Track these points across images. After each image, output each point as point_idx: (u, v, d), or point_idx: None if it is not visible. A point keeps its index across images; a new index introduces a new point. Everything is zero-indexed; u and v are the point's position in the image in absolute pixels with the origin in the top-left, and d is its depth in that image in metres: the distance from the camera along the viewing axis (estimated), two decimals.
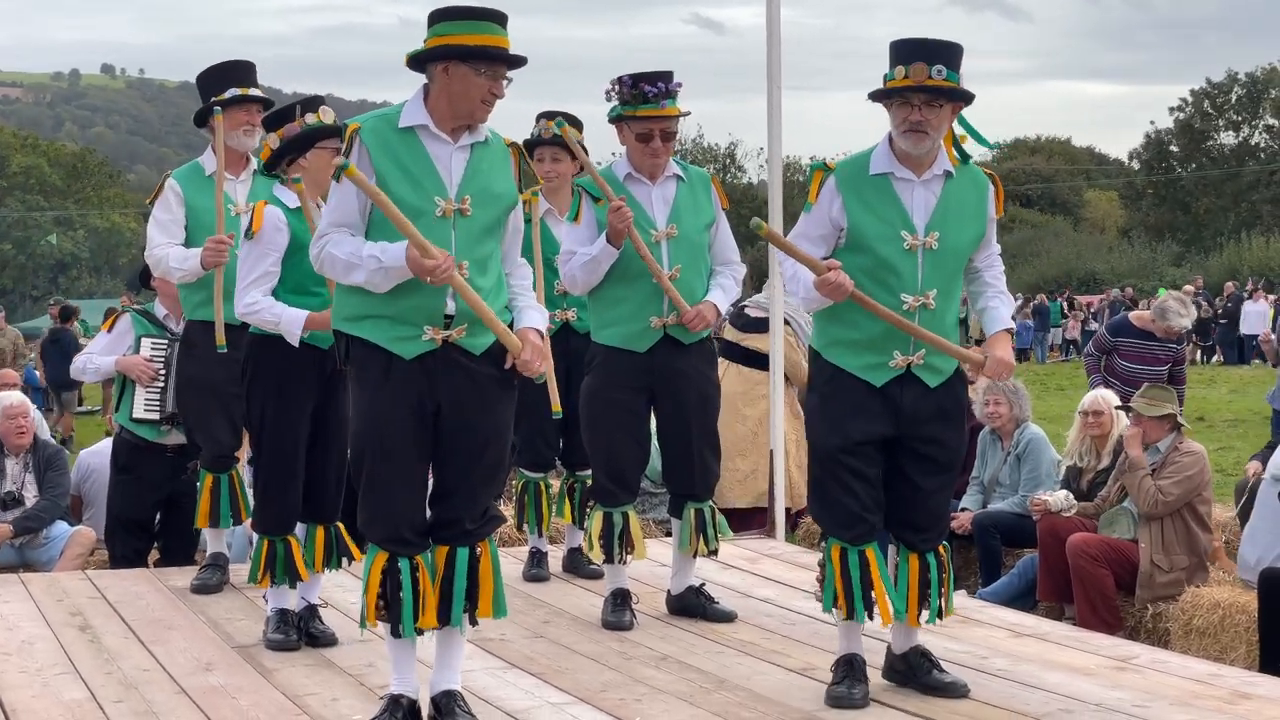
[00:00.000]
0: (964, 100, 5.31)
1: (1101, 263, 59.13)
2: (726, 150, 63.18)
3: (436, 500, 5.07)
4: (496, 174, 5.03)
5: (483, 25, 4.87)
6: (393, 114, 5.00)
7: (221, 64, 7.37)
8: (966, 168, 5.46)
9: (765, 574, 7.84)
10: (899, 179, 5.36)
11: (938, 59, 5.22)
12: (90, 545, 8.84)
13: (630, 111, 6.51)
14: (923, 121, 5.26)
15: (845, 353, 5.41)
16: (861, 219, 5.33)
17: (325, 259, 4.94)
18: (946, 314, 5.40)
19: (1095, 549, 7.95)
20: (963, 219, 5.38)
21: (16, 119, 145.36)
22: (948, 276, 5.36)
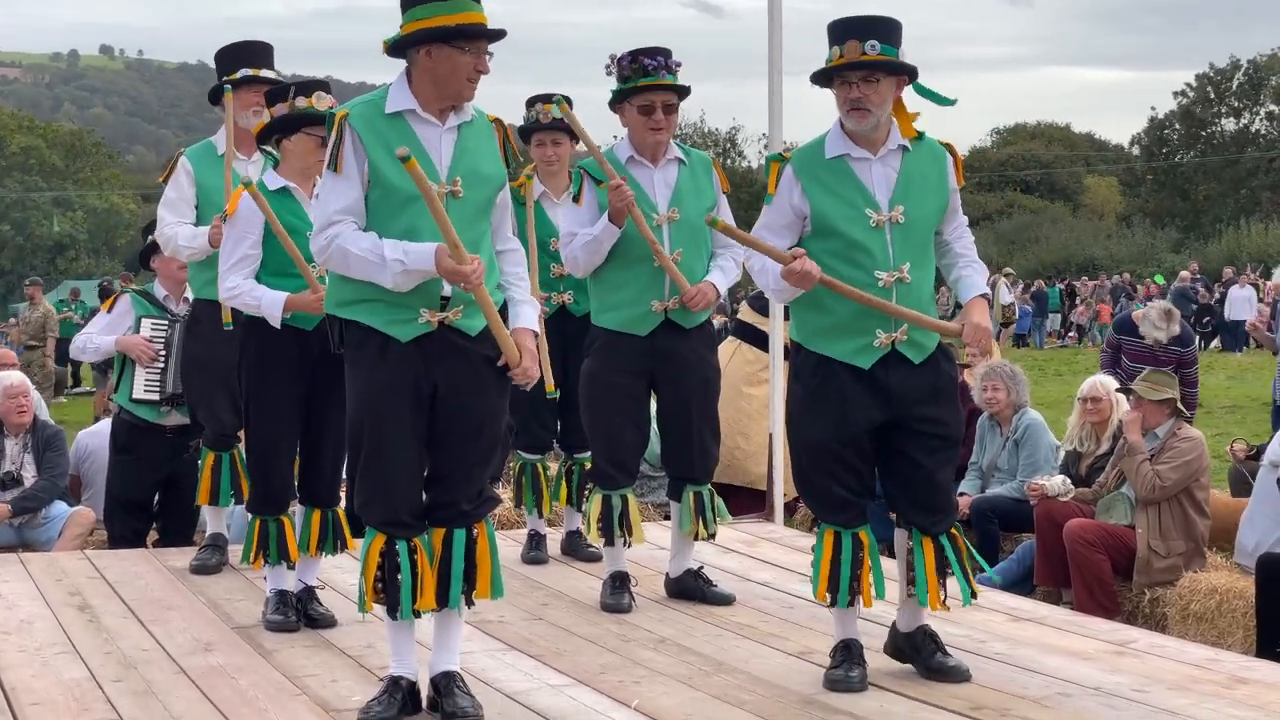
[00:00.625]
0: (903, 73, 5.29)
1: (1100, 249, 59.10)
2: (728, 135, 63.20)
3: (432, 482, 5.07)
4: (484, 153, 5.04)
5: (460, 3, 4.85)
6: (378, 99, 4.97)
7: (238, 43, 7.37)
8: (922, 140, 5.45)
9: (763, 557, 7.85)
10: (855, 159, 5.36)
11: (871, 34, 5.23)
12: (89, 525, 8.85)
13: (630, 86, 6.50)
14: (862, 99, 5.26)
15: (828, 340, 5.40)
16: (823, 203, 5.33)
17: (335, 253, 4.87)
18: (923, 286, 5.40)
19: (1092, 534, 7.96)
20: (925, 190, 5.39)
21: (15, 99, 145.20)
22: (918, 249, 5.36)
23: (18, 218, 69.04)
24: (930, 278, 5.47)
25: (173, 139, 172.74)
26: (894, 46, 5.25)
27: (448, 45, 4.85)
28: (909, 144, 5.39)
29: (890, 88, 5.30)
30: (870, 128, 5.32)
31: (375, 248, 4.81)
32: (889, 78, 5.27)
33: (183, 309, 8.27)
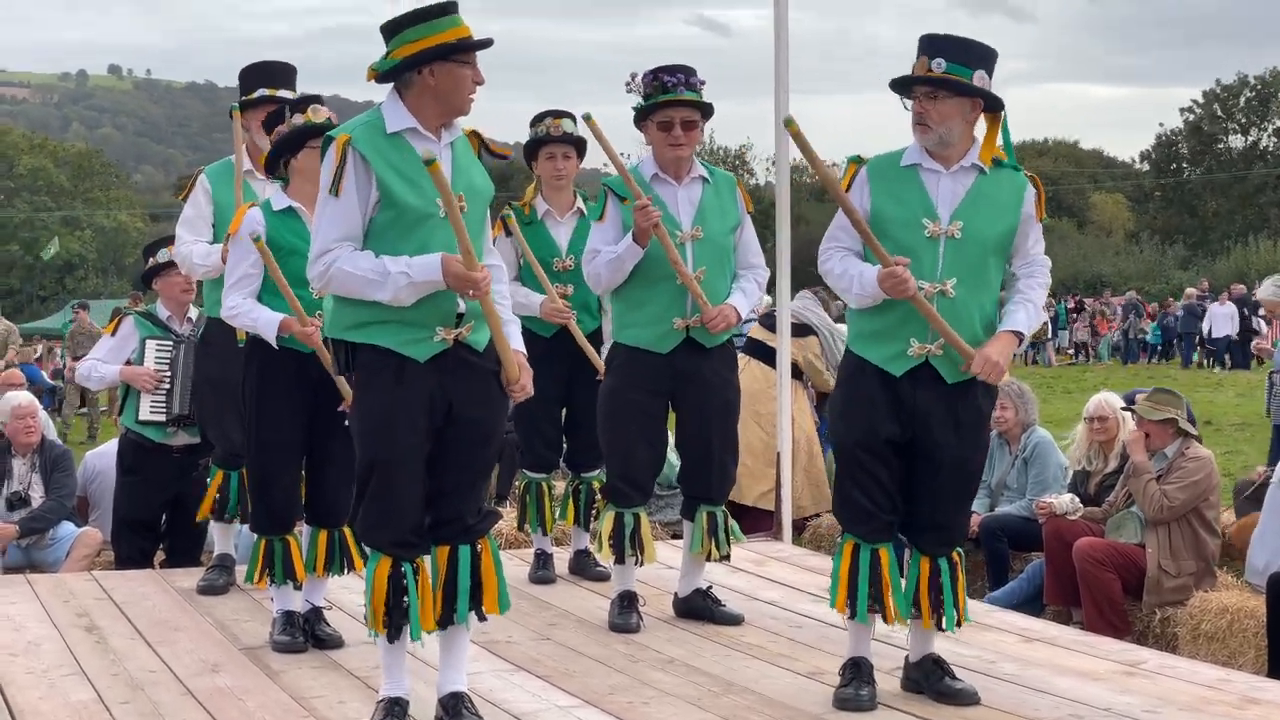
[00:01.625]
0: (971, 95, 5.29)
1: (1109, 265, 59.11)
2: (737, 153, 63.23)
3: (437, 498, 5.04)
4: (475, 168, 5.08)
5: (452, 20, 4.90)
6: (376, 120, 4.96)
7: (259, 64, 7.37)
8: (1007, 167, 5.44)
9: (772, 577, 7.83)
10: (926, 169, 5.38)
11: (940, 53, 5.25)
12: (97, 546, 8.85)
13: (651, 103, 6.49)
14: (922, 113, 5.30)
15: (868, 344, 5.44)
16: (884, 205, 5.36)
17: (335, 276, 4.85)
18: (970, 307, 5.33)
19: (1102, 553, 7.93)
20: (990, 212, 5.36)
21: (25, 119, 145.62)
22: (970, 267, 5.33)
23: (26, 238, 69.21)
24: (983, 303, 5.39)
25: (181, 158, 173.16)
26: (966, 68, 5.24)
27: (449, 62, 4.87)
28: (986, 167, 5.38)
29: (956, 107, 5.29)
30: (934, 143, 5.33)
31: (376, 265, 4.81)
32: (954, 97, 5.27)
33: (186, 329, 8.27)
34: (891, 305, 5.30)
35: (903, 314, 5.31)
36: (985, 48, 5.33)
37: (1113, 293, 47.45)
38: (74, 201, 73.63)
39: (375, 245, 4.88)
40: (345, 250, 4.85)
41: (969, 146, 5.39)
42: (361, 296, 4.84)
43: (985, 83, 5.29)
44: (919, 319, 5.28)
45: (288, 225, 6.18)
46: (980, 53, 5.30)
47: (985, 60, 5.30)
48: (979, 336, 5.36)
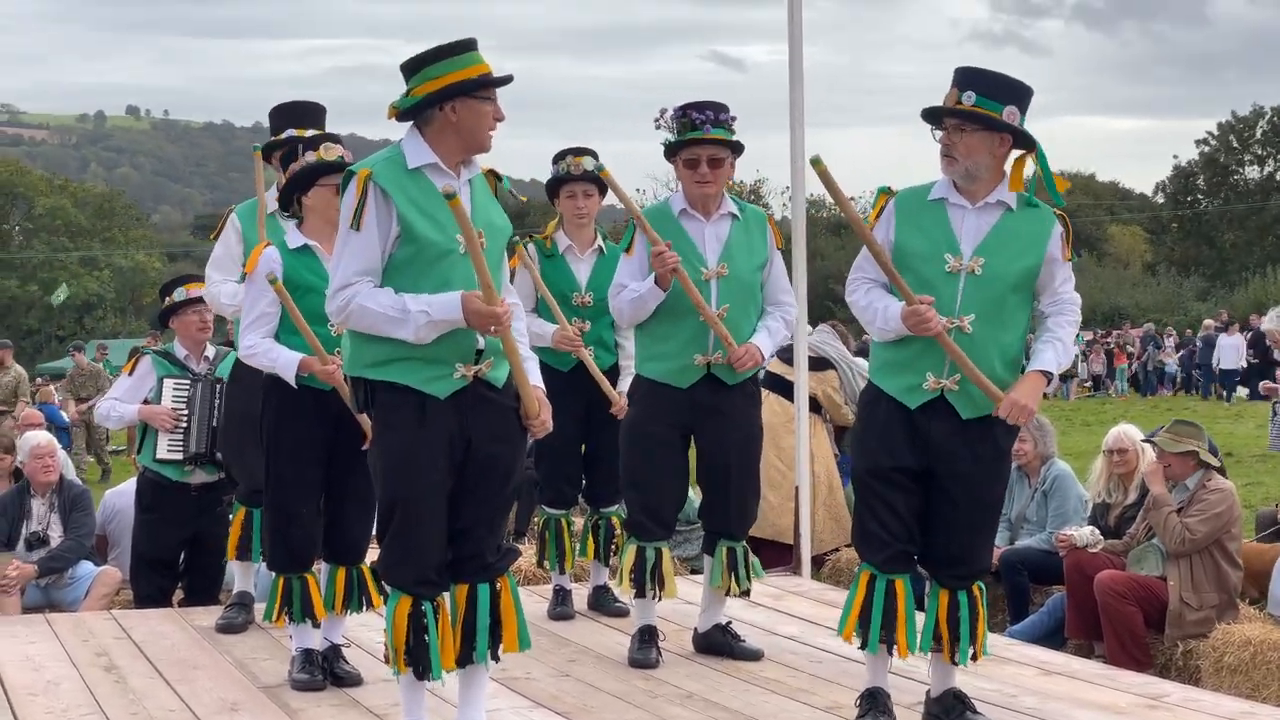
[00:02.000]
0: (999, 130, 5.26)
1: (1126, 297, 58.96)
2: (752, 187, 63.22)
3: (457, 536, 5.04)
4: (493, 206, 5.10)
5: (472, 56, 4.93)
6: (396, 156, 4.98)
7: (287, 104, 7.42)
8: (1035, 206, 5.42)
9: (791, 611, 7.80)
10: (953, 204, 5.38)
11: (971, 85, 5.25)
12: (116, 585, 8.84)
13: (679, 140, 6.50)
14: (949, 145, 5.30)
15: (887, 375, 5.44)
16: (908, 238, 5.36)
17: (354, 312, 4.86)
18: (988, 344, 5.31)
19: (1123, 586, 7.88)
20: (1014, 249, 5.33)
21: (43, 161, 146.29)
22: (990, 304, 5.30)
23: (45, 278, 69.46)
24: (1003, 341, 5.35)
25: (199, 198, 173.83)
26: (997, 103, 5.22)
27: (471, 98, 4.89)
28: (1014, 204, 5.36)
29: (982, 142, 5.27)
30: (959, 175, 5.32)
31: (396, 302, 4.82)
32: (981, 131, 5.25)
33: (203, 367, 8.29)
34: (912, 338, 5.29)
35: (921, 347, 5.30)
36: (1019, 84, 5.31)
37: (1131, 325, 47.33)
38: (92, 242, 73.94)
39: (395, 281, 4.88)
40: (365, 285, 4.86)
41: (997, 183, 5.36)
42: (381, 333, 4.85)
43: (1015, 119, 5.26)
44: (937, 353, 5.27)
45: (304, 263, 6.20)
46: (1012, 88, 5.28)
47: (1017, 96, 5.27)
48: (997, 374, 5.34)
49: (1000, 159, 5.35)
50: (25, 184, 76.14)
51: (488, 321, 4.78)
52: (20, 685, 6.30)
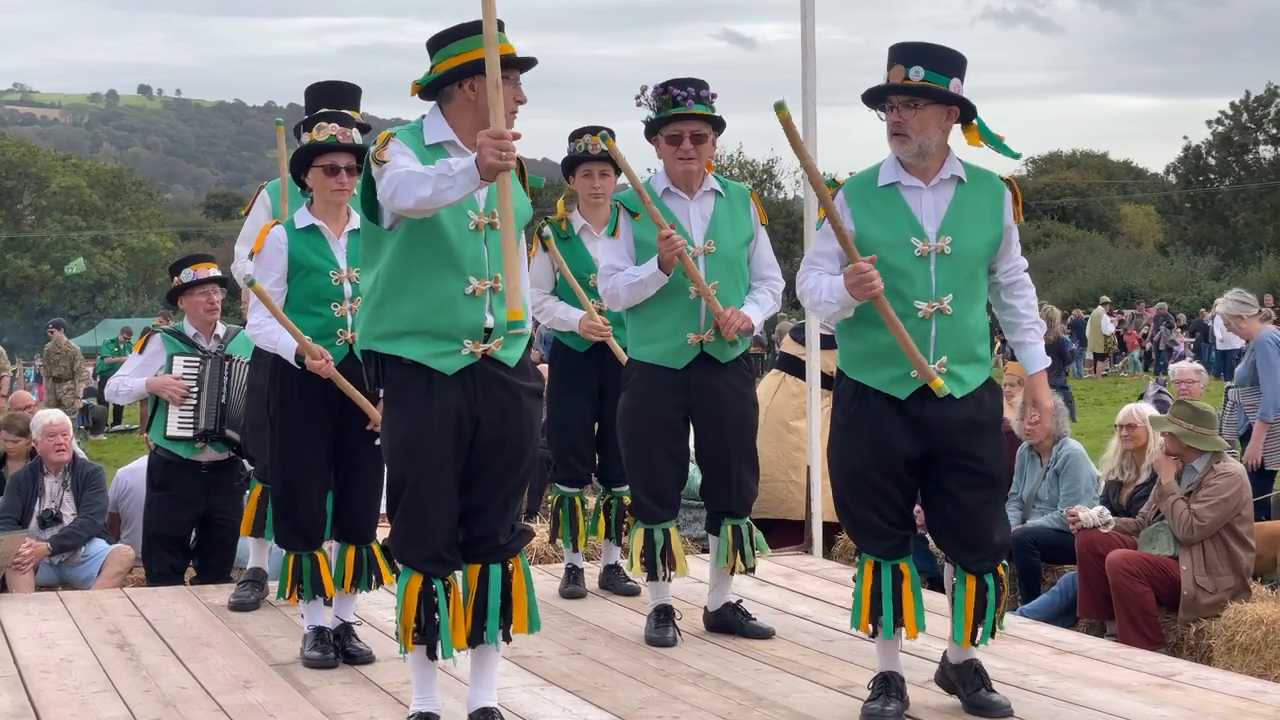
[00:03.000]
0: (949, 103, 5.24)
1: (1139, 277, 58.80)
2: (764, 166, 63.14)
3: (469, 516, 5.04)
4: (514, 189, 5.05)
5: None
6: (417, 129, 5.01)
7: (325, 83, 7.37)
8: (982, 173, 5.42)
9: (803, 590, 7.81)
10: (906, 187, 5.33)
11: (916, 61, 5.20)
12: (129, 563, 8.87)
13: (660, 116, 6.49)
14: (901, 123, 5.24)
15: (866, 369, 5.39)
16: (869, 228, 5.31)
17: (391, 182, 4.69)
18: (967, 319, 5.32)
19: (1135, 566, 7.88)
20: (977, 223, 5.33)
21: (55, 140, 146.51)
22: (963, 281, 5.30)
23: (57, 257, 69.58)
24: (977, 314, 5.37)
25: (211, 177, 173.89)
26: (943, 75, 5.19)
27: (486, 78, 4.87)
28: (964, 175, 5.35)
29: (934, 116, 5.24)
30: (913, 154, 5.28)
31: (423, 169, 4.70)
32: (933, 105, 5.22)
33: (213, 345, 8.30)
34: (883, 326, 5.25)
35: None
36: (958, 55, 5.29)
37: (1145, 304, 47.20)
38: (104, 221, 74.01)
39: (400, 247, 4.88)
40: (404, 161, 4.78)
41: (945, 157, 5.34)
42: (412, 199, 4.65)
43: (960, 89, 5.24)
44: (921, 339, 5.24)
45: (309, 243, 6.22)
46: (955, 60, 5.26)
47: (959, 67, 5.26)
48: (975, 353, 5.35)
49: (947, 132, 5.33)
50: (38, 163, 76.22)
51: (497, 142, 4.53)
52: (33, 662, 6.33)
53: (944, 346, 5.28)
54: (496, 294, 4.93)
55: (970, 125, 5.34)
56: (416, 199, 4.64)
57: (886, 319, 5.19)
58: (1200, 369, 10.88)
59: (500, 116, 4.59)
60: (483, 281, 4.91)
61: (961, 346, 5.30)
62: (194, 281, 8.30)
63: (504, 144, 4.53)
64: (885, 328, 5.24)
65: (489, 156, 4.53)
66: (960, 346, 5.30)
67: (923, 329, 5.26)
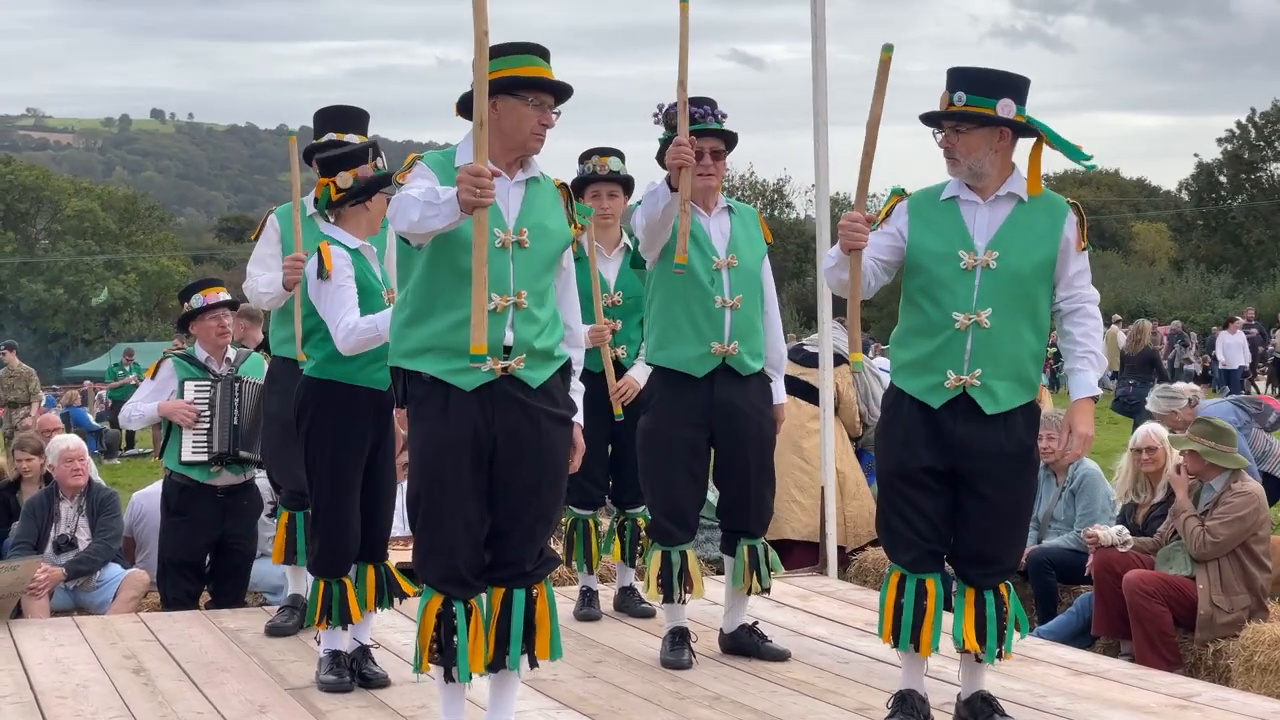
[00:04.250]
0: (991, 124, 5.29)
1: (1153, 295, 58.71)
2: (776, 186, 63.17)
3: (494, 540, 5.03)
4: (550, 211, 5.08)
5: (525, 58, 4.95)
6: (450, 153, 5.06)
7: (332, 108, 7.37)
8: (1049, 196, 5.44)
9: (818, 611, 7.79)
10: (964, 201, 5.41)
11: (960, 86, 5.31)
12: (144, 587, 8.87)
13: None
14: (949, 148, 5.36)
15: (907, 375, 5.46)
16: (921, 237, 5.39)
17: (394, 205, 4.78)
18: (1007, 336, 5.32)
19: (1152, 586, 7.85)
20: (1029, 241, 5.35)
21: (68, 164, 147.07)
22: (1008, 297, 5.31)
23: (71, 281, 69.77)
24: (1024, 334, 5.36)
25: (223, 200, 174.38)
26: (989, 98, 5.26)
27: (513, 97, 4.91)
28: (1024, 195, 5.38)
29: (982, 139, 5.31)
30: (964, 175, 5.37)
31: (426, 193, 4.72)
32: (980, 129, 5.29)
33: (225, 369, 8.32)
34: (929, 335, 5.33)
35: (940, 344, 5.32)
36: (1010, 76, 5.33)
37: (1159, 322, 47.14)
38: (118, 245, 74.21)
39: (423, 261, 4.91)
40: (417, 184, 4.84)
41: (1007, 175, 5.40)
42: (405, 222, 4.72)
43: (1010, 110, 5.28)
44: (957, 348, 5.29)
45: (362, 264, 6.21)
46: (1003, 81, 5.31)
47: (1010, 89, 5.30)
48: (1022, 370, 5.36)
49: (1003, 152, 5.37)
50: (51, 187, 76.45)
51: (473, 179, 4.53)
52: (49, 688, 6.33)
53: (979, 359, 5.30)
54: (520, 311, 4.93)
55: (1037, 147, 5.39)
56: (408, 223, 4.71)
57: (852, 277, 5.25)
58: (1194, 389, 10.78)
59: (484, 154, 4.61)
60: (505, 298, 4.91)
61: (1000, 363, 5.31)
62: (204, 307, 8.31)
63: (480, 181, 4.54)
64: (929, 338, 5.34)
65: (463, 193, 4.55)
66: (999, 363, 5.31)
67: (959, 340, 5.30)
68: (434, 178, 4.88)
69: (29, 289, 69.90)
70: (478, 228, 4.59)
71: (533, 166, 5.07)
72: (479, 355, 4.63)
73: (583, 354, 5.37)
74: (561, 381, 5.12)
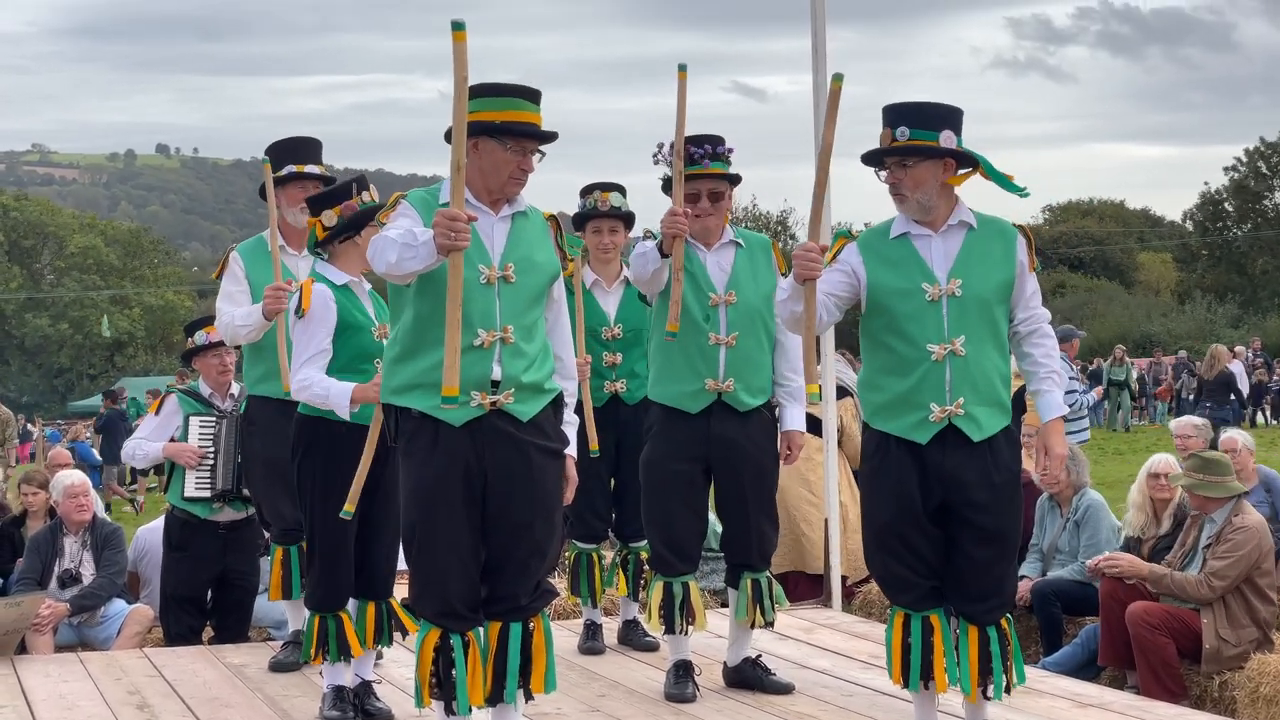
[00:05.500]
0: (936, 156, 5.32)
1: (1158, 325, 58.70)
2: (778, 218, 63.23)
3: (489, 574, 5.04)
4: (538, 244, 5.09)
5: (510, 101, 4.96)
6: (435, 189, 5.07)
7: (285, 140, 7.44)
8: (994, 220, 5.48)
9: (822, 644, 7.77)
10: (916, 235, 5.43)
11: (901, 121, 5.33)
12: (148, 623, 8.86)
13: None
14: (895, 183, 5.38)
15: (887, 417, 5.43)
16: (881, 276, 5.39)
17: (373, 245, 4.81)
18: (983, 361, 5.35)
19: (1157, 618, 7.83)
20: (987, 265, 5.39)
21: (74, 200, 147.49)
22: (976, 323, 5.35)
23: (76, 316, 69.92)
24: (994, 356, 5.40)
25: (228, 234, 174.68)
26: (931, 131, 5.28)
27: (493, 140, 4.92)
28: (974, 222, 5.42)
29: (928, 171, 5.33)
30: (913, 210, 5.38)
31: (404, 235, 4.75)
32: (925, 161, 5.31)
33: (229, 405, 8.33)
34: (903, 373, 5.34)
35: (918, 379, 5.32)
36: (947, 108, 5.38)
37: (1163, 352, 47.07)
38: (123, 280, 74.37)
39: (411, 295, 4.93)
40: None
41: (953, 206, 5.44)
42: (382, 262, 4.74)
43: (952, 141, 5.32)
44: (936, 379, 5.30)
45: (349, 300, 6.19)
46: (942, 114, 5.35)
47: (949, 120, 5.34)
48: (997, 394, 5.39)
49: (947, 184, 5.41)
50: (56, 222, 76.68)
51: (448, 223, 4.55)
52: None
53: (960, 388, 5.32)
54: (507, 345, 4.95)
55: (975, 169, 5.43)
56: (386, 264, 4.73)
57: (806, 308, 5.23)
58: (1201, 424, 10.72)
59: (460, 199, 4.63)
60: (491, 333, 4.93)
61: (979, 389, 5.34)
62: (205, 345, 8.33)
63: (455, 226, 4.55)
64: (903, 376, 5.32)
65: (439, 236, 4.58)
66: (977, 389, 5.33)
67: (937, 372, 5.30)
68: (416, 216, 4.91)
69: (34, 324, 70.06)
70: (453, 270, 4.60)
71: (519, 201, 5.09)
72: (451, 396, 4.63)
73: (575, 385, 5.38)
74: (553, 414, 5.13)
